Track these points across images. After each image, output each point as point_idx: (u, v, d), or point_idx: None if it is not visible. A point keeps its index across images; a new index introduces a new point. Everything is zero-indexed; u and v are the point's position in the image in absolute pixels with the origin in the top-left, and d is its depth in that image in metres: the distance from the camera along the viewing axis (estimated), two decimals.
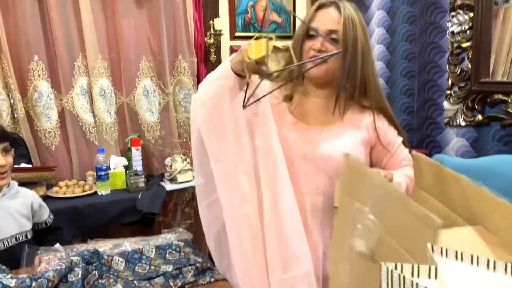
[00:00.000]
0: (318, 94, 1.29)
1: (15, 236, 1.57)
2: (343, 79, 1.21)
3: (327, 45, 1.19)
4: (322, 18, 1.22)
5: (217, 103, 1.11)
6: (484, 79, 1.99)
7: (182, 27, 2.58)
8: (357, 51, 1.20)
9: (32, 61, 2.26)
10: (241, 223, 1.12)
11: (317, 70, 1.21)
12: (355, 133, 1.27)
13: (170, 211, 2.72)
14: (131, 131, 2.57)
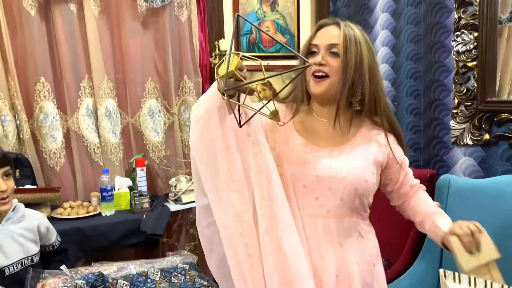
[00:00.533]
0: (325, 113, 1.28)
1: (20, 261, 1.55)
2: (344, 93, 1.20)
3: (328, 59, 1.20)
4: (323, 34, 1.24)
5: (207, 122, 1.10)
6: (490, 98, 1.98)
7: (188, 47, 2.60)
8: (363, 67, 1.20)
9: (39, 82, 2.27)
10: (237, 242, 1.09)
11: (318, 87, 1.21)
12: (367, 152, 1.26)
13: (174, 232, 2.69)
14: (136, 151, 2.56)
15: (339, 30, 1.21)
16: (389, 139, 1.28)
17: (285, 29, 2.91)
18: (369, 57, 1.21)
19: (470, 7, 2.03)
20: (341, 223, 1.21)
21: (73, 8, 2.30)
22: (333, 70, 1.20)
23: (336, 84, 1.20)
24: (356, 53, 1.18)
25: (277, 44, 2.90)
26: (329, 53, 1.20)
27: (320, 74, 1.20)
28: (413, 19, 2.32)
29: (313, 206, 1.21)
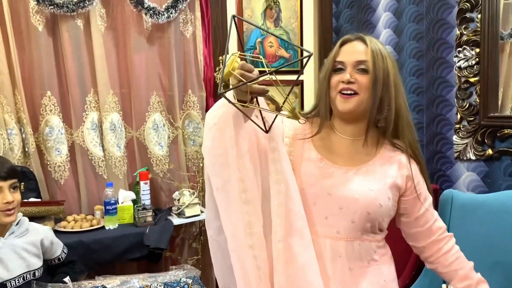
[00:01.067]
0: (348, 130, 1.22)
1: (22, 276, 1.56)
2: (374, 110, 1.16)
3: (356, 76, 1.15)
4: (348, 50, 1.19)
5: (221, 130, 1.06)
6: (493, 114, 1.99)
7: (192, 62, 2.63)
8: (389, 83, 1.15)
9: (45, 96, 2.30)
10: (246, 255, 1.05)
11: (346, 105, 1.16)
12: (385, 174, 1.19)
13: (177, 246, 2.69)
14: (139, 165, 2.58)
15: (366, 45, 1.17)
16: (411, 163, 1.21)
17: (288, 45, 2.94)
18: (394, 72, 1.17)
19: (471, 24, 2.05)
20: (351, 246, 1.16)
21: (80, 24, 2.34)
22: (362, 87, 1.15)
23: (365, 101, 1.16)
24: (383, 68, 1.14)
25: (280, 59, 2.93)
26: (357, 70, 1.15)
27: (349, 92, 1.15)
28: (415, 35, 2.34)
29: (322, 224, 1.16)
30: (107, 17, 2.43)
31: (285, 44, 2.93)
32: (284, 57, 2.95)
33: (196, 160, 2.71)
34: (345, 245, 1.15)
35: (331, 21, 2.98)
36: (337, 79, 1.17)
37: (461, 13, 2.07)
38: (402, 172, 1.20)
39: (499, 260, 1.64)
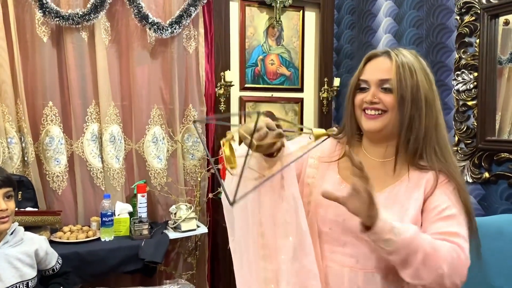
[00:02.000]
0: (376, 152, 1.15)
1: (15, 286, 1.55)
2: (404, 132, 1.07)
3: (380, 96, 1.08)
4: (372, 68, 1.11)
5: None
6: (490, 137, 2.00)
7: (194, 77, 2.65)
8: (419, 98, 1.05)
9: (47, 106, 2.32)
10: None
11: (372, 124, 1.09)
12: (411, 198, 1.07)
13: (172, 260, 2.67)
14: (138, 177, 2.58)
15: (391, 61, 1.07)
16: (439, 177, 1.07)
17: (290, 63, 2.98)
18: (426, 86, 1.07)
19: (470, 48, 2.08)
20: (371, 278, 1.06)
21: (85, 36, 2.37)
22: (388, 106, 1.07)
23: (393, 120, 1.08)
24: (412, 85, 1.05)
25: (281, 76, 2.96)
26: (381, 89, 1.08)
27: (373, 112, 1.09)
28: None
29: (341, 253, 1.08)
30: (111, 30, 2.46)
31: (286, 62, 2.97)
32: (284, 74, 2.98)
33: (194, 174, 2.71)
34: (363, 277, 1.06)
35: (332, 41, 3.03)
36: (360, 98, 1.12)
37: (460, 38, 2.11)
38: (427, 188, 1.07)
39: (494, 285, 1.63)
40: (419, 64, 1.09)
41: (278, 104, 2.96)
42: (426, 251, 0.94)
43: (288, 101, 3.00)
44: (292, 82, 3.01)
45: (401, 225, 0.95)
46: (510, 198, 1.93)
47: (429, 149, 1.08)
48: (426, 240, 0.96)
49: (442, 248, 0.96)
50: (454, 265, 0.96)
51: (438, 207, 1.04)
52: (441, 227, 1.01)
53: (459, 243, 0.99)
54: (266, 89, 2.93)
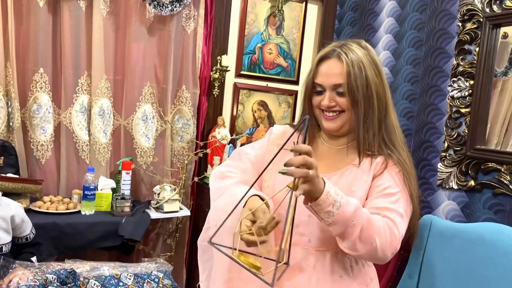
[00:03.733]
0: (333, 142, 1.24)
1: None
2: (362, 129, 1.15)
3: (336, 99, 1.15)
4: (325, 72, 1.17)
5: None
6: (479, 146, 2.01)
7: (190, 59, 2.62)
8: (370, 96, 1.13)
9: (37, 73, 2.27)
10: None
11: (331, 124, 1.18)
12: (361, 180, 1.15)
13: (152, 240, 2.66)
14: (124, 154, 2.55)
15: (341, 64, 1.13)
16: (388, 161, 1.16)
17: (288, 54, 2.96)
18: (376, 81, 1.14)
19: (469, 56, 2.08)
20: (322, 257, 1.14)
21: (82, 5, 2.31)
22: (344, 107, 1.15)
23: (349, 118, 1.16)
24: (362, 84, 1.12)
25: (278, 67, 2.94)
26: (336, 92, 1.15)
27: (331, 114, 1.17)
28: (412, 60, 2.38)
29: (294, 232, 1.11)
30: (110, 2, 2.40)
31: (284, 53, 2.95)
32: (281, 65, 2.96)
33: (181, 156, 2.69)
34: (315, 256, 1.14)
35: (332, 36, 3.02)
36: (318, 100, 1.19)
37: (460, 44, 2.11)
38: (374, 173, 1.15)
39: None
40: (367, 57, 1.15)
41: (272, 94, 2.95)
42: (363, 226, 1.00)
43: (283, 93, 2.98)
44: (289, 74, 2.99)
45: (343, 199, 0.99)
46: (493, 207, 1.94)
47: (378, 137, 1.17)
48: (364, 215, 1.01)
49: (377, 222, 1.02)
50: (386, 238, 1.03)
51: (381, 186, 1.12)
52: (379, 202, 1.09)
53: (393, 218, 1.06)
54: (262, 78, 2.91)
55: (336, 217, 0.98)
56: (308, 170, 0.92)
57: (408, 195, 1.14)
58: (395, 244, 1.05)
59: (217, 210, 1.19)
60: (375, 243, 1.01)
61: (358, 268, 1.18)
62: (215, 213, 1.19)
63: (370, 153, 1.18)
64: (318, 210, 0.99)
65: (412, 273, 1.90)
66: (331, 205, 0.97)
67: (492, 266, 1.58)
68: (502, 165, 1.90)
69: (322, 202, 0.97)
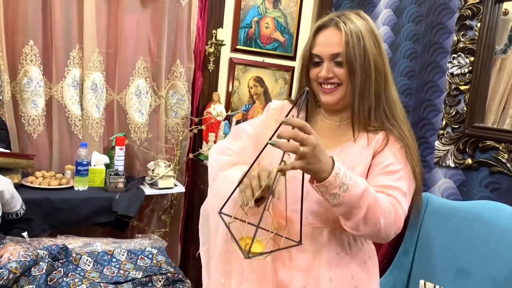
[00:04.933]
0: (333, 118, 1.20)
1: None
2: (356, 102, 1.11)
3: (334, 70, 1.11)
4: (323, 41, 1.12)
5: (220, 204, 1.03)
6: (478, 124, 1.99)
7: (184, 32, 2.55)
8: (368, 66, 1.09)
9: (27, 45, 2.20)
10: None
11: (329, 97, 1.13)
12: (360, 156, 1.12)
13: (146, 216, 2.64)
14: (117, 130, 2.51)
15: (340, 32, 1.09)
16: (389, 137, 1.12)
17: (285, 28, 2.90)
18: (375, 51, 1.10)
19: (470, 31, 2.04)
20: (319, 234, 1.12)
21: None
22: (342, 79, 1.11)
23: (348, 90, 1.12)
24: (360, 54, 1.08)
25: (274, 42, 2.89)
26: (334, 63, 1.11)
27: (329, 87, 1.13)
28: (412, 36, 2.33)
29: (292, 210, 1.09)
30: None
31: (281, 28, 2.88)
32: (278, 40, 2.90)
33: (176, 132, 2.65)
34: (312, 232, 1.11)
35: (331, 11, 2.94)
36: (315, 72, 1.14)
37: (461, 20, 2.06)
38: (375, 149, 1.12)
39: (464, 268, 1.65)
40: (366, 27, 1.11)
41: (269, 70, 2.89)
42: (369, 207, 0.96)
43: (279, 69, 2.93)
44: (286, 49, 2.93)
45: (351, 181, 0.95)
46: (489, 185, 1.94)
47: (379, 111, 1.13)
48: (371, 196, 0.98)
49: (382, 202, 0.99)
50: (390, 219, 0.99)
51: (383, 163, 1.08)
52: (382, 180, 1.05)
53: (397, 197, 1.03)
54: (258, 53, 2.85)
55: (341, 199, 0.94)
56: (298, 146, 0.86)
57: (411, 172, 1.10)
58: (399, 223, 1.02)
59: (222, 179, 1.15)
60: (379, 224, 0.98)
61: (356, 246, 1.16)
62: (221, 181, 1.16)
63: (372, 129, 1.14)
64: (323, 191, 0.95)
65: (408, 250, 1.90)
66: (338, 187, 0.93)
67: (488, 244, 1.58)
68: (500, 143, 1.88)
69: (329, 184, 0.93)
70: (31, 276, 1.13)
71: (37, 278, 1.13)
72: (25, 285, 1.10)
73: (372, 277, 1.19)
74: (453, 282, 1.68)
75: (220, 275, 1.09)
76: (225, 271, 1.09)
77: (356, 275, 1.14)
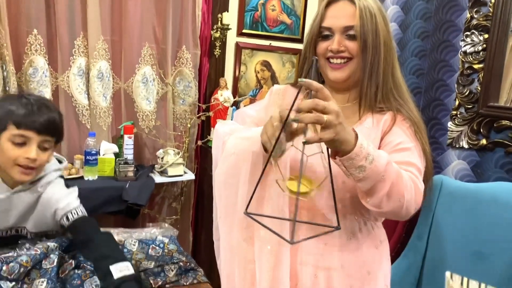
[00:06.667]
0: (339, 98, 1.13)
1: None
2: (366, 79, 1.08)
3: (346, 43, 1.07)
4: (335, 14, 1.08)
5: (238, 163, 1.04)
6: (492, 103, 1.94)
7: (189, 17, 2.51)
8: (379, 43, 1.06)
9: (31, 34, 2.17)
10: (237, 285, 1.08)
11: (338, 74, 1.08)
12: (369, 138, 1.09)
13: (157, 204, 2.64)
14: (125, 118, 2.49)
15: (353, 6, 1.06)
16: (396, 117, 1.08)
17: (291, 10, 2.84)
18: (385, 29, 1.08)
19: (483, 8, 1.97)
20: (328, 219, 1.07)
21: None
22: (354, 53, 1.07)
23: (359, 68, 1.08)
24: (373, 30, 1.05)
25: (281, 24, 2.83)
26: (346, 36, 1.07)
27: (339, 61, 1.08)
28: (423, 15, 2.26)
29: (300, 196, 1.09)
30: None
31: (287, 10, 2.83)
32: (285, 22, 2.84)
33: (184, 120, 2.63)
34: (322, 218, 1.07)
35: None
36: (324, 47, 1.09)
37: None
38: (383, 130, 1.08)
39: (481, 251, 1.62)
40: (376, 4, 1.08)
41: (276, 53, 2.85)
42: (393, 181, 0.91)
43: (287, 52, 2.88)
44: (292, 31, 2.87)
45: (375, 152, 0.90)
46: (504, 166, 1.89)
47: (386, 90, 1.09)
48: (394, 169, 0.93)
49: (405, 177, 0.94)
50: (412, 194, 0.95)
51: (394, 142, 1.05)
52: (396, 157, 1.00)
53: (414, 172, 0.99)
54: (265, 37, 2.80)
55: (367, 172, 0.88)
56: (322, 115, 0.80)
57: (421, 150, 1.07)
58: (419, 200, 0.97)
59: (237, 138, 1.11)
60: (403, 200, 0.93)
61: (367, 230, 1.13)
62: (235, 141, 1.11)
63: (379, 109, 1.10)
64: (349, 165, 0.88)
65: (422, 234, 1.87)
66: (364, 159, 0.87)
67: (506, 226, 1.55)
68: None
69: (355, 156, 0.86)
70: (42, 269, 1.13)
71: (48, 270, 1.12)
72: (37, 278, 1.10)
73: (383, 262, 1.17)
74: (470, 266, 1.66)
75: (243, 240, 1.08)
76: (248, 237, 1.07)
77: (367, 260, 1.12)
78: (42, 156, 1.28)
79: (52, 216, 1.36)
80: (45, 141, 1.28)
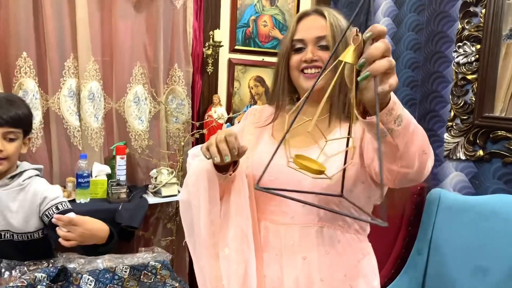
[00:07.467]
0: (311, 112, 1.06)
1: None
2: (336, 89, 1.06)
3: (319, 53, 1.08)
4: (306, 26, 1.11)
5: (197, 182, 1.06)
6: (488, 114, 1.92)
7: (181, 35, 2.50)
8: None
9: (20, 57, 2.15)
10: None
11: (311, 83, 1.06)
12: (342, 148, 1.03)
13: (151, 225, 2.59)
14: (117, 139, 2.46)
15: (324, 19, 1.09)
16: None
17: (283, 26, 2.83)
18: None
19: (474, 18, 1.97)
20: (306, 232, 1.06)
21: None
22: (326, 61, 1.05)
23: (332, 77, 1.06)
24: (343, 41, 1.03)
25: (273, 40, 2.82)
26: (318, 47, 1.09)
27: (313, 71, 1.08)
28: (414, 26, 2.26)
29: (277, 212, 1.07)
30: None
31: (279, 25, 2.82)
32: (277, 38, 2.83)
33: (178, 138, 2.60)
34: (299, 232, 1.05)
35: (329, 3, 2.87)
36: (297, 59, 1.10)
37: (465, 7, 1.99)
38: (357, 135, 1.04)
39: (482, 265, 1.59)
40: (345, 22, 1.11)
41: (269, 69, 2.83)
42: (420, 128, 0.85)
43: None
44: None
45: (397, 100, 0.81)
46: (503, 177, 1.87)
47: None
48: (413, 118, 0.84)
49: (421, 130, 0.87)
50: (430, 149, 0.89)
51: None
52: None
53: None
54: (257, 53, 2.79)
55: (404, 122, 0.78)
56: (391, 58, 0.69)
57: None
58: (433, 157, 0.92)
59: None
60: (429, 150, 0.87)
61: (347, 242, 1.08)
62: None
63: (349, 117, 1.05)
64: (387, 120, 0.77)
65: (421, 249, 1.83)
66: (400, 105, 0.78)
67: (506, 240, 1.51)
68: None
69: (394, 104, 0.76)
70: None
71: None
72: None
73: (368, 277, 1.12)
74: (471, 280, 1.62)
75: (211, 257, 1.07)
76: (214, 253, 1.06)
77: (349, 273, 1.08)
78: (9, 147, 1.38)
79: (38, 207, 1.44)
80: (10, 132, 1.38)
